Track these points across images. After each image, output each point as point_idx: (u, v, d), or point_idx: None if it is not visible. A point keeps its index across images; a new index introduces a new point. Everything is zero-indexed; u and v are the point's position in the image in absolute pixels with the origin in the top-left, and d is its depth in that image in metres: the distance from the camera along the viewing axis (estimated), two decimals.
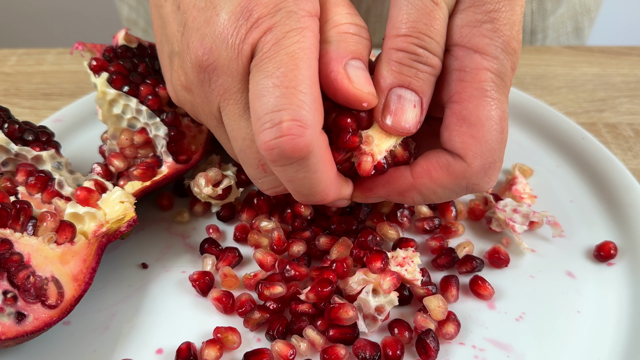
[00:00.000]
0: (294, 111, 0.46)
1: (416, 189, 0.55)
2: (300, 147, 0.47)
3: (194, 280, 0.63)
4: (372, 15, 1.08)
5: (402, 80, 0.51)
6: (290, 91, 0.47)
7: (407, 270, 0.60)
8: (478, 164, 0.52)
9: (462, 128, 0.52)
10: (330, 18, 0.52)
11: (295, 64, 0.47)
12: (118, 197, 0.64)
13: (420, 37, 0.51)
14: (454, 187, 0.54)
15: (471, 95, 0.51)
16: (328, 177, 0.52)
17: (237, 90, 0.52)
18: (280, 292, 0.60)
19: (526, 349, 0.59)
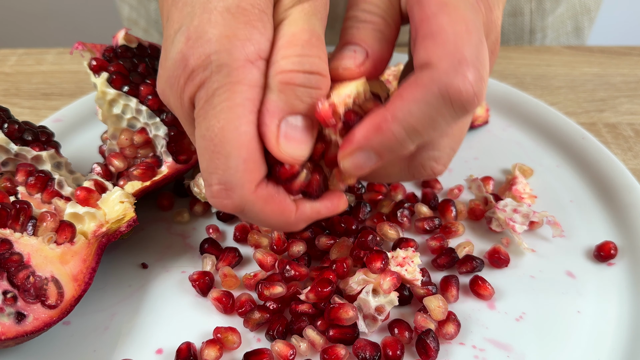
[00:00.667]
0: (220, 176, 0.48)
1: (391, 116, 0.47)
2: (228, 208, 0.49)
3: (194, 281, 0.63)
4: None
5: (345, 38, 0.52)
6: (216, 156, 0.47)
7: (407, 270, 0.60)
8: (445, 64, 0.45)
9: (425, 41, 0.47)
10: (277, 61, 0.48)
11: (222, 126, 0.47)
12: (118, 197, 0.64)
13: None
14: (426, 97, 0.46)
15: (431, 11, 0.47)
16: (277, 221, 0.52)
17: (188, 130, 0.54)
18: (280, 292, 0.60)
19: (526, 349, 0.59)
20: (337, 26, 1.10)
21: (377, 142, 0.48)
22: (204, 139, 0.48)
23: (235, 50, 0.47)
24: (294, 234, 0.68)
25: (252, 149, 0.48)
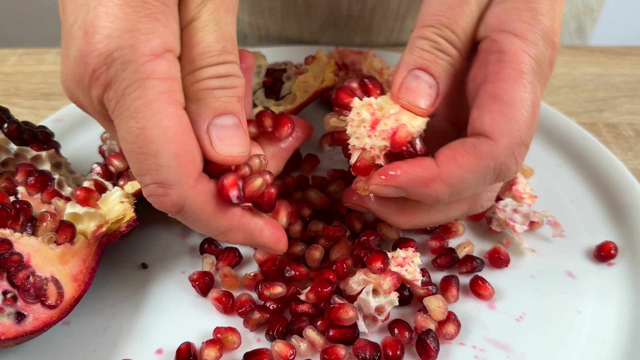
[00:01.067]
0: (153, 175, 0.47)
1: (442, 178, 0.51)
2: (167, 205, 0.48)
3: (194, 281, 0.63)
4: (377, 14, 1.08)
5: (421, 63, 0.53)
6: (144, 157, 0.46)
7: (407, 271, 0.60)
8: (505, 141, 0.50)
9: (493, 106, 0.50)
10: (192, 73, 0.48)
11: (141, 126, 0.45)
12: (118, 197, 0.64)
13: (442, 29, 0.52)
14: (482, 170, 0.51)
15: (508, 75, 0.51)
16: (219, 223, 0.51)
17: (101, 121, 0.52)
18: (280, 292, 0.60)
19: (526, 349, 0.59)
20: (340, 23, 1.10)
21: (416, 192, 0.52)
22: (126, 142, 0.46)
23: (140, 45, 0.45)
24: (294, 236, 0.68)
25: (181, 141, 0.46)
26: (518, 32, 0.51)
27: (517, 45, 0.51)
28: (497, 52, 0.51)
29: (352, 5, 1.06)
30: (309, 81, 0.77)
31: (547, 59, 0.52)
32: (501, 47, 0.51)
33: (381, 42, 1.15)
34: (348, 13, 1.08)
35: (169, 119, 0.45)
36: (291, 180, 0.75)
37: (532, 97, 0.51)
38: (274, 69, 0.88)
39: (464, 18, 0.52)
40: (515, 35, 0.51)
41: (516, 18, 0.51)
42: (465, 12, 0.52)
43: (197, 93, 0.48)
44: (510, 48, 0.51)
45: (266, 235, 0.55)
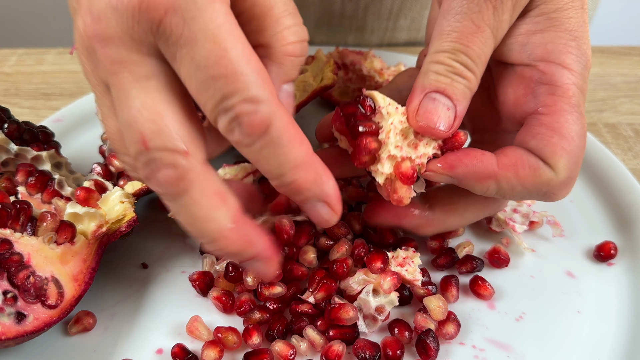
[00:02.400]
0: (243, 93, 0.44)
1: (497, 179, 0.54)
2: (256, 123, 0.45)
3: (194, 281, 0.63)
4: (370, 13, 1.09)
5: (437, 86, 0.53)
6: (232, 77, 0.44)
7: (408, 271, 0.60)
8: (565, 175, 0.54)
9: (553, 139, 0.53)
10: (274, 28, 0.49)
11: (224, 47, 0.44)
12: (118, 197, 0.64)
13: (457, 54, 0.53)
14: (534, 190, 0.55)
15: (563, 109, 0.53)
16: (296, 152, 0.47)
17: (133, 62, 0.47)
18: (280, 292, 0.60)
19: (526, 349, 0.59)
20: (334, 22, 1.11)
21: (468, 184, 0.55)
22: (207, 68, 0.44)
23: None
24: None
25: (257, 62, 0.46)
26: (567, 64, 0.54)
27: (568, 79, 0.54)
28: (548, 84, 0.54)
29: (345, 4, 1.06)
30: (308, 80, 0.77)
31: (585, 85, 0.55)
32: (552, 79, 0.54)
33: (375, 42, 1.16)
34: (341, 12, 1.08)
35: (241, 41, 0.45)
36: None
37: (583, 128, 0.54)
38: None
39: (479, 44, 0.53)
40: (564, 67, 0.54)
41: (563, 50, 0.54)
42: (479, 39, 0.53)
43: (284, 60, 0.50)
44: (561, 81, 0.54)
45: (332, 185, 0.51)
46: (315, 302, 0.59)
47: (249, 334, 0.58)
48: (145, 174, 0.47)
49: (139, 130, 0.46)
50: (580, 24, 0.55)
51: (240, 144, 0.46)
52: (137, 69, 0.47)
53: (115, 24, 0.46)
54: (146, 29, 0.45)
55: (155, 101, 0.47)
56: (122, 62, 0.47)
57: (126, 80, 0.47)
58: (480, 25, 0.53)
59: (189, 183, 0.46)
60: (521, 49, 0.56)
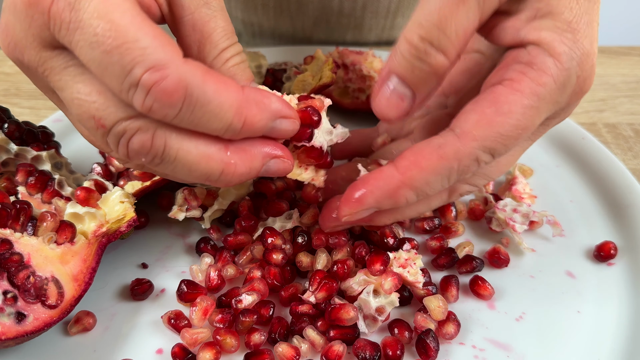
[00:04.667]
0: (142, 61, 0.42)
1: (406, 184, 0.51)
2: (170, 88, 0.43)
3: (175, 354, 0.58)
4: (368, 11, 1.09)
5: (398, 71, 0.50)
6: (125, 48, 0.42)
7: (410, 272, 0.60)
8: (474, 145, 0.49)
9: (488, 109, 0.49)
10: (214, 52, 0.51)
11: (110, 19, 0.42)
12: (118, 197, 0.64)
13: (430, 30, 0.48)
14: (445, 171, 0.51)
15: (522, 90, 0.48)
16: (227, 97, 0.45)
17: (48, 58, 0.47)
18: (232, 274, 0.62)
19: (526, 349, 0.59)
20: (332, 20, 1.11)
21: (387, 204, 0.53)
22: (98, 45, 0.43)
23: None
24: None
25: (152, 26, 0.43)
26: (555, 53, 0.48)
27: (548, 67, 0.48)
28: (526, 63, 0.49)
29: (343, 2, 1.07)
30: (307, 80, 0.77)
31: (569, 83, 0.50)
32: (532, 60, 0.49)
33: (373, 40, 1.16)
34: (339, 10, 1.09)
35: (131, 10, 0.43)
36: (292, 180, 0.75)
37: (527, 122, 0.49)
38: (274, 69, 0.88)
39: (458, 18, 0.48)
40: (551, 55, 0.49)
41: (557, 38, 0.49)
42: (460, 11, 0.48)
43: (229, 70, 0.51)
44: (540, 65, 0.49)
45: (275, 100, 0.50)
46: (315, 302, 0.59)
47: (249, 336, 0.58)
48: (122, 154, 0.47)
49: (89, 115, 0.46)
50: (581, 16, 0.49)
51: (169, 118, 0.44)
52: (55, 63, 0.47)
53: (20, 29, 0.47)
54: (41, 24, 0.45)
55: (86, 83, 0.46)
56: (41, 63, 0.48)
57: (54, 78, 0.48)
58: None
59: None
60: (516, 32, 0.51)
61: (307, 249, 0.65)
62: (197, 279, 0.65)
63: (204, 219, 0.69)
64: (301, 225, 0.67)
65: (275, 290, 0.62)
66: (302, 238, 0.65)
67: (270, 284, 0.62)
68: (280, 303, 0.62)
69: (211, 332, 0.59)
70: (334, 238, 0.63)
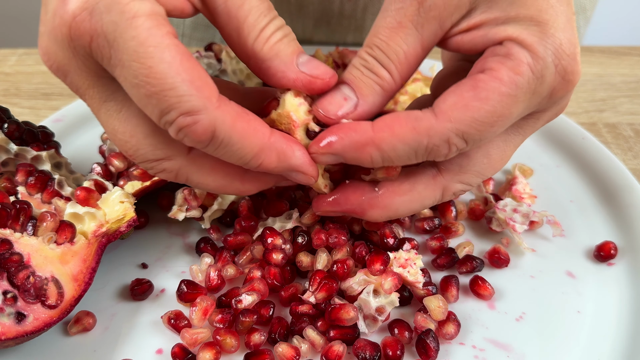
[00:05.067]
0: (178, 108, 0.45)
1: (375, 144, 0.51)
2: (200, 132, 0.47)
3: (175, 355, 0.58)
4: (369, 13, 1.09)
5: (346, 77, 0.53)
6: (162, 94, 0.45)
7: (410, 272, 0.60)
8: (447, 126, 0.49)
9: (467, 93, 0.49)
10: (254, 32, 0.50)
11: (148, 65, 0.44)
12: (118, 197, 0.64)
13: (373, 49, 0.52)
14: (414, 144, 0.51)
15: (501, 77, 0.49)
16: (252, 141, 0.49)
17: (89, 87, 0.50)
18: (232, 274, 0.62)
19: (526, 349, 0.59)
20: (332, 22, 1.11)
21: (351, 156, 0.52)
22: (138, 87, 0.45)
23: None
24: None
25: (190, 68, 0.46)
26: (527, 44, 0.50)
27: (524, 57, 0.49)
28: (504, 55, 0.50)
29: (344, 3, 1.07)
30: None
31: (551, 75, 0.50)
32: (509, 52, 0.50)
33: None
34: (340, 12, 1.09)
35: (169, 51, 0.45)
36: None
37: (503, 110, 0.49)
38: None
39: (397, 41, 0.51)
40: (524, 47, 0.50)
41: (525, 32, 0.50)
42: (399, 36, 0.51)
43: (272, 49, 0.51)
44: (517, 57, 0.49)
45: (299, 156, 0.52)
46: (315, 302, 0.59)
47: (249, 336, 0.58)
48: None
49: (121, 150, 0.52)
50: (544, 10, 0.50)
51: (197, 147, 0.49)
52: (95, 94, 0.51)
53: (62, 55, 0.49)
54: (85, 55, 0.47)
55: (121, 122, 0.51)
56: (80, 89, 0.51)
57: (92, 105, 0.52)
58: (402, 21, 0.51)
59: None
60: (484, 38, 0.52)
61: (307, 249, 0.65)
62: (197, 279, 0.65)
63: (204, 219, 0.69)
64: (301, 225, 0.67)
65: (275, 290, 0.62)
66: (302, 238, 0.65)
67: (270, 284, 0.62)
68: (280, 303, 0.62)
69: (211, 332, 0.59)
70: (334, 237, 0.63)
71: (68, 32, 0.46)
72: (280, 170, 0.52)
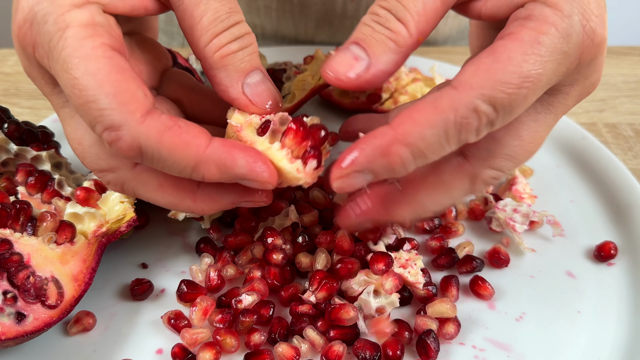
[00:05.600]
0: (100, 122, 0.45)
1: (399, 140, 0.45)
2: (124, 149, 0.46)
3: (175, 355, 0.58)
4: None
5: (356, 36, 0.48)
6: (86, 107, 0.45)
7: (410, 273, 0.60)
8: (471, 94, 0.44)
9: (486, 59, 0.45)
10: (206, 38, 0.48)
11: (74, 76, 0.44)
12: (118, 197, 0.64)
13: (391, 3, 0.47)
14: (440, 124, 0.45)
15: (522, 38, 0.45)
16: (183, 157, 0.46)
17: (47, 94, 0.51)
18: (232, 274, 0.62)
19: (526, 349, 0.59)
20: (335, 22, 1.11)
21: (381, 166, 0.47)
22: (70, 97, 0.46)
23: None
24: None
25: (115, 80, 0.45)
26: (552, 3, 0.45)
27: (547, 16, 0.45)
28: (524, 18, 0.46)
29: (347, 4, 1.06)
30: (306, 79, 0.77)
31: (578, 36, 0.46)
32: (530, 13, 0.46)
33: None
34: (343, 12, 1.08)
35: (97, 62, 0.44)
36: None
37: (531, 69, 0.45)
38: (274, 69, 0.88)
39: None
40: (549, 5, 0.46)
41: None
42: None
43: (222, 60, 0.49)
44: (538, 17, 0.45)
45: (242, 164, 0.48)
46: (316, 302, 0.59)
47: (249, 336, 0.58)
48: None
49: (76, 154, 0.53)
50: None
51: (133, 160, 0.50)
52: (54, 99, 0.52)
53: (24, 63, 0.50)
54: (37, 63, 0.48)
55: (72, 129, 0.52)
56: (45, 93, 0.52)
57: (55, 109, 0.53)
58: None
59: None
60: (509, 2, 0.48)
61: (307, 249, 0.65)
62: (197, 279, 0.65)
63: (204, 219, 0.69)
64: (300, 223, 0.67)
65: (275, 290, 0.62)
66: (303, 238, 0.65)
67: (270, 284, 0.62)
68: (280, 303, 0.62)
69: (211, 332, 0.59)
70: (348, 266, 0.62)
71: (18, 42, 0.47)
72: (227, 180, 0.49)
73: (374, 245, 0.63)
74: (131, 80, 0.46)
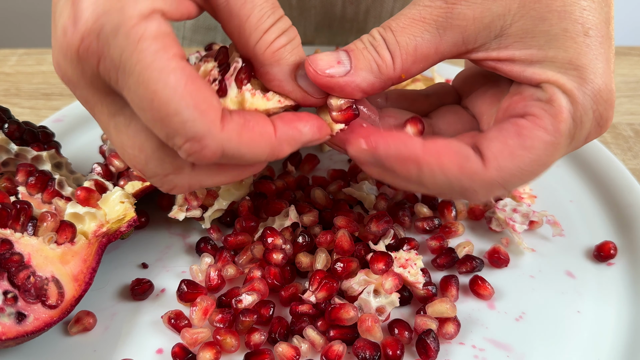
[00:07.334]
0: (183, 134, 0.45)
1: (419, 163, 0.50)
2: (209, 157, 0.47)
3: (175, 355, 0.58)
4: (371, 16, 1.09)
5: (349, 47, 0.52)
6: (167, 120, 0.44)
7: (410, 273, 0.60)
8: (494, 175, 0.50)
9: (512, 140, 0.49)
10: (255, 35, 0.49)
11: (152, 89, 0.44)
12: (118, 197, 0.64)
13: (386, 31, 0.51)
14: (454, 183, 0.50)
15: (545, 126, 0.49)
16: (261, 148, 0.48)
17: (97, 102, 0.50)
18: (232, 274, 0.62)
19: (526, 349, 0.59)
20: (334, 25, 1.11)
21: (390, 165, 0.50)
22: (145, 111, 0.45)
23: (127, 8, 0.44)
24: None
25: (194, 91, 0.45)
26: (567, 90, 0.49)
27: (565, 104, 0.49)
28: (546, 101, 0.50)
29: (346, 7, 1.06)
30: None
31: (589, 122, 0.50)
32: (551, 98, 0.50)
33: None
34: (342, 15, 1.08)
35: (174, 75, 0.44)
36: (292, 180, 0.75)
37: (547, 159, 0.50)
38: None
39: (414, 32, 0.50)
40: (564, 91, 0.50)
41: (566, 78, 0.50)
42: (417, 28, 0.50)
43: (274, 55, 0.50)
44: (558, 102, 0.49)
45: (307, 132, 0.51)
46: (316, 302, 0.59)
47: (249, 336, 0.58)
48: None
49: (130, 165, 0.51)
50: (582, 53, 0.50)
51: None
52: (103, 108, 0.50)
53: (71, 70, 0.48)
54: (93, 74, 0.47)
55: (130, 137, 0.50)
56: (89, 103, 0.50)
57: (100, 119, 0.51)
58: (426, 17, 0.50)
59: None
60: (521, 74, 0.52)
61: (307, 249, 0.65)
62: (197, 279, 0.65)
63: (204, 219, 0.69)
64: (300, 223, 0.67)
65: (275, 290, 0.63)
66: (303, 238, 0.65)
67: (270, 284, 0.62)
68: (280, 303, 0.62)
69: (211, 332, 0.59)
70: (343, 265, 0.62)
71: (76, 53, 0.46)
72: (297, 147, 0.52)
73: (374, 245, 0.63)
74: (205, 89, 0.46)
